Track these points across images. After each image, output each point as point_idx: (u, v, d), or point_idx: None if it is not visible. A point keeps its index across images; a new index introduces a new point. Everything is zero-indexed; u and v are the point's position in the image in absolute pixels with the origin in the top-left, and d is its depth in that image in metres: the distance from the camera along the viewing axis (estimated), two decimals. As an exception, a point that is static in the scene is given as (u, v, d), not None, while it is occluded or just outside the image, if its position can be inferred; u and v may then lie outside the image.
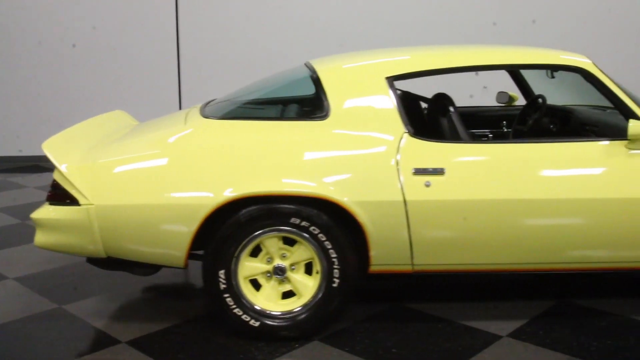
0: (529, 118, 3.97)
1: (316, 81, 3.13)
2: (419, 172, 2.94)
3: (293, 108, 3.29)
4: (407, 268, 3.08)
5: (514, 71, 4.12)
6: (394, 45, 6.18)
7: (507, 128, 4.22)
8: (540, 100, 3.92)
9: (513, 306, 3.43)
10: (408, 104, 3.73)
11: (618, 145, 3.04)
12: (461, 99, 4.35)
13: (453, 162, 2.96)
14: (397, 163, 2.94)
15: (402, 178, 2.93)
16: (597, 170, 3.01)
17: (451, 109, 3.25)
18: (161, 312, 3.40)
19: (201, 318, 3.31)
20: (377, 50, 3.47)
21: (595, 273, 3.27)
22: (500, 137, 4.15)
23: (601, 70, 3.19)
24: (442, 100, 3.39)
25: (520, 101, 4.36)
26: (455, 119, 3.22)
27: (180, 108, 7.15)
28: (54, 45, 7.18)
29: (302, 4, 7.01)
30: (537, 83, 4.14)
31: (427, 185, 2.93)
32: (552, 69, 3.40)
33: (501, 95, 4.36)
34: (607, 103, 3.25)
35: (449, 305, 3.44)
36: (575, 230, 3.01)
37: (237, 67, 6.99)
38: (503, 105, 4.36)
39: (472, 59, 3.23)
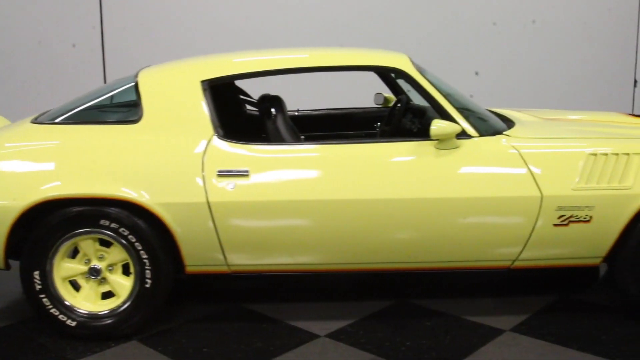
0: (393, 119, 3.98)
1: (135, 86, 3.19)
2: (223, 173, 2.98)
3: (114, 113, 3.34)
4: (223, 268, 3.12)
5: (383, 73, 4.12)
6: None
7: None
8: (401, 101, 3.93)
9: (347, 306, 3.45)
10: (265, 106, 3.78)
11: (428, 145, 3.05)
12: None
13: (257, 164, 2.99)
14: (203, 165, 2.98)
15: (206, 180, 2.97)
16: (403, 170, 3.02)
17: (273, 110, 3.28)
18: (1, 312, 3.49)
19: (34, 318, 3.38)
20: (207, 56, 3.50)
21: (416, 272, 3.27)
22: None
23: (418, 69, 3.20)
24: (266, 103, 3.42)
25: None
26: (279, 120, 3.25)
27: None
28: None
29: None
30: None
31: (231, 186, 2.97)
32: (369, 70, 3.40)
33: (377, 96, 4.37)
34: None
35: (285, 305, 3.47)
36: (380, 229, 3.02)
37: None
38: (379, 106, 4.38)
39: (287, 63, 3.26)
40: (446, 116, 3.09)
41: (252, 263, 3.10)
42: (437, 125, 2.97)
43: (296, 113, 4.32)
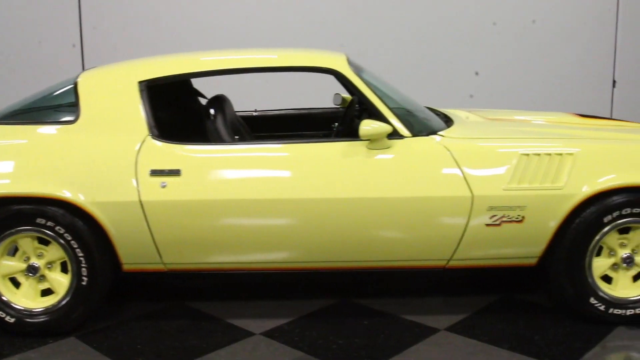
0: (346, 119, 4.00)
1: (74, 86, 3.25)
2: (155, 173, 3.02)
3: (54, 113, 3.38)
4: (160, 267, 3.16)
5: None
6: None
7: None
8: (353, 101, 3.94)
9: (288, 305, 3.47)
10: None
11: (359, 145, 3.07)
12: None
13: (189, 163, 3.03)
14: (136, 165, 3.02)
15: (139, 179, 3.01)
16: (334, 170, 3.04)
17: (212, 111, 3.32)
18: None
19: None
20: (149, 57, 3.54)
21: (350, 272, 3.29)
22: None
23: (355, 70, 3.21)
24: (210, 103, 3.46)
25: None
26: (217, 121, 3.29)
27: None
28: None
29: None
30: None
31: (163, 186, 3.01)
32: (303, 71, 3.41)
33: (336, 97, 4.39)
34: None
35: (227, 304, 3.50)
36: (311, 229, 3.04)
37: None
38: (338, 106, 4.39)
39: (222, 64, 3.29)
40: (379, 116, 3.10)
41: (188, 262, 3.14)
42: (370, 126, 2.99)
43: (254, 113, 4.35)
